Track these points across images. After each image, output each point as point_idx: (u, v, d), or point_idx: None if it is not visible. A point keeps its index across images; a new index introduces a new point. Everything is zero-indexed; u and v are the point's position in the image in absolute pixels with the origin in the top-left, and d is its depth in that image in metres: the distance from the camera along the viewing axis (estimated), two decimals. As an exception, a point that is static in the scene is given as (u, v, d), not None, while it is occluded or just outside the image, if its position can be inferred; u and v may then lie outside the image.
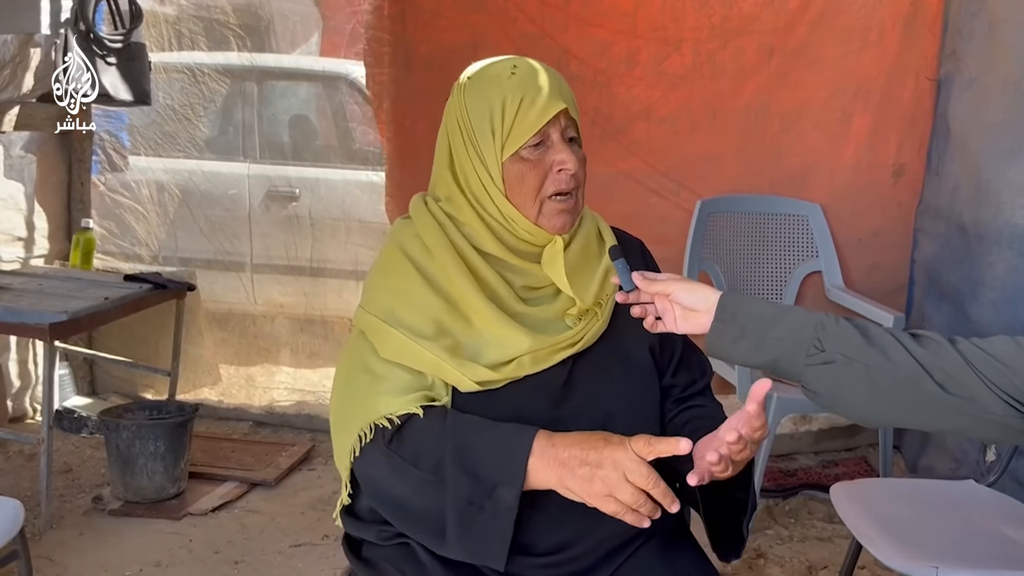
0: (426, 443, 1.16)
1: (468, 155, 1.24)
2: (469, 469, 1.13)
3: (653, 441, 1.08)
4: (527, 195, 1.23)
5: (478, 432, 1.16)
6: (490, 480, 1.13)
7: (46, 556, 2.45)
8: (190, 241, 3.51)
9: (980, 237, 2.64)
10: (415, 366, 1.21)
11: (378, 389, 1.21)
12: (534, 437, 1.13)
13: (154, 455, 2.73)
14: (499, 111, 1.22)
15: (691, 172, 3.12)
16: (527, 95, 1.21)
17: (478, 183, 1.25)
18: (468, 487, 1.13)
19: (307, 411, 3.45)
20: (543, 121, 1.21)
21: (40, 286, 2.90)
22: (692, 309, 1.21)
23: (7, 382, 3.24)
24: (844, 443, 3.29)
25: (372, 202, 3.42)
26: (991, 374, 1.08)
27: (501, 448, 1.14)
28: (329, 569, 2.45)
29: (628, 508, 1.08)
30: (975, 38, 2.76)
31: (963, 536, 1.81)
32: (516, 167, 1.23)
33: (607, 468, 1.08)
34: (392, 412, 1.18)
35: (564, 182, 1.23)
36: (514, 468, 1.12)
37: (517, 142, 1.22)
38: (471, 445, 1.15)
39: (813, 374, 1.13)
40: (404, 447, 1.17)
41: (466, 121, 1.24)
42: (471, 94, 1.25)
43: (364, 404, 1.21)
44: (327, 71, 3.64)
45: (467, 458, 1.14)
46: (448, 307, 1.23)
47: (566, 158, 1.22)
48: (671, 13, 3.00)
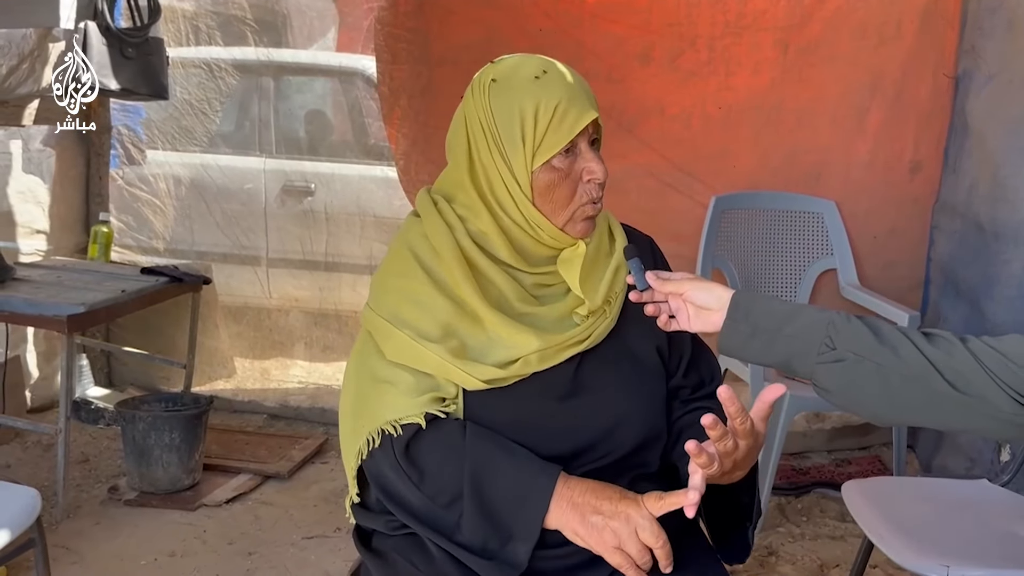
0: (435, 464, 1.18)
1: (493, 160, 1.22)
2: (486, 511, 1.15)
3: (664, 497, 1.12)
4: (557, 203, 1.22)
5: (497, 464, 1.17)
6: (506, 530, 1.15)
7: (62, 545, 2.48)
8: (206, 235, 3.53)
9: (997, 235, 2.62)
10: (420, 367, 1.22)
11: (383, 392, 1.22)
12: (554, 488, 1.15)
13: (169, 447, 2.76)
14: (531, 119, 1.19)
15: (705, 168, 3.11)
16: (560, 103, 1.19)
17: (503, 189, 1.23)
18: (483, 533, 1.15)
19: (321, 404, 3.48)
20: (576, 131, 1.19)
21: (58, 278, 2.93)
22: (705, 308, 1.21)
23: (26, 373, 3.28)
24: (857, 441, 3.27)
25: (387, 197, 3.43)
26: (1002, 373, 1.07)
27: (521, 494, 1.15)
28: (341, 561, 2.46)
29: (632, 563, 1.12)
30: (994, 34, 2.74)
31: (975, 535, 1.80)
32: (547, 176, 1.21)
33: (619, 521, 1.12)
34: (397, 418, 1.19)
35: (595, 191, 1.23)
36: (531, 523, 1.14)
37: (549, 151, 1.20)
38: (490, 481, 1.16)
39: (824, 372, 1.13)
40: (412, 465, 1.19)
41: (491, 125, 1.21)
42: (498, 97, 1.21)
43: (370, 408, 1.22)
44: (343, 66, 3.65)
45: (484, 495, 1.15)
46: (456, 309, 1.23)
47: (595, 168, 1.21)
48: (686, 9, 2.99)
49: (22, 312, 2.66)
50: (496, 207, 1.24)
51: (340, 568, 2.43)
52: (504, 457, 1.17)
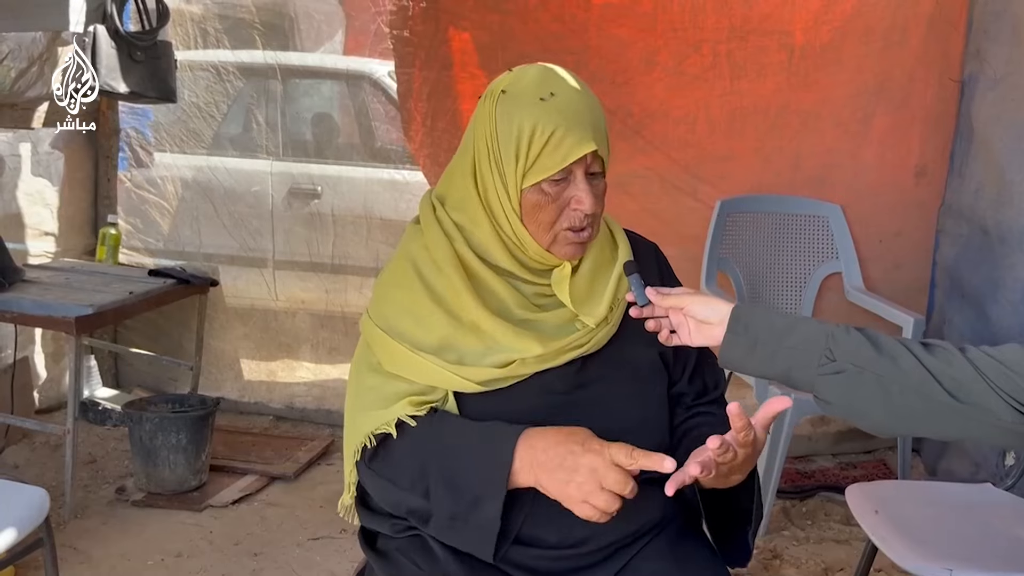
0: (402, 461, 1.21)
1: (491, 171, 1.22)
2: (450, 483, 1.16)
3: (636, 454, 1.09)
4: (541, 225, 1.22)
5: (459, 439, 1.18)
6: (471, 494, 1.15)
7: (70, 545, 2.50)
8: (213, 237, 3.55)
9: (1002, 239, 2.62)
10: (416, 378, 1.23)
11: (363, 404, 1.25)
12: (515, 446, 1.14)
13: (176, 447, 2.77)
14: (527, 138, 1.18)
15: (710, 171, 3.12)
16: (558, 128, 1.17)
17: (496, 201, 1.23)
18: (450, 503, 1.15)
19: (327, 406, 3.49)
20: (568, 161, 1.18)
21: (67, 280, 2.95)
22: (706, 322, 1.21)
23: (34, 374, 3.30)
24: (862, 445, 3.26)
25: (393, 200, 3.44)
26: (1001, 382, 1.08)
27: (483, 459, 1.15)
28: (346, 562, 2.47)
29: (601, 512, 1.10)
30: (1000, 38, 2.74)
31: (978, 538, 1.80)
32: (534, 197, 1.21)
33: (583, 474, 1.10)
34: (371, 429, 1.21)
35: (578, 219, 1.22)
36: (496, 481, 1.14)
37: (539, 175, 1.19)
38: (452, 455, 1.17)
39: (825, 384, 1.14)
40: (383, 467, 1.22)
41: (493, 137, 1.21)
42: (503, 108, 1.21)
43: (359, 421, 1.25)
44: (351, 70, 3.66)
45: (448, 470, 1.16)
46: (454, 323, 1.23)
47: (584, 198, 1.20)
48: (691, 13, 2.99)
49: (31, 313, 2.69)
50: (493, 217, 1.25)
51: (346, 569, 2.44)
52: (468, 429, 1.19)
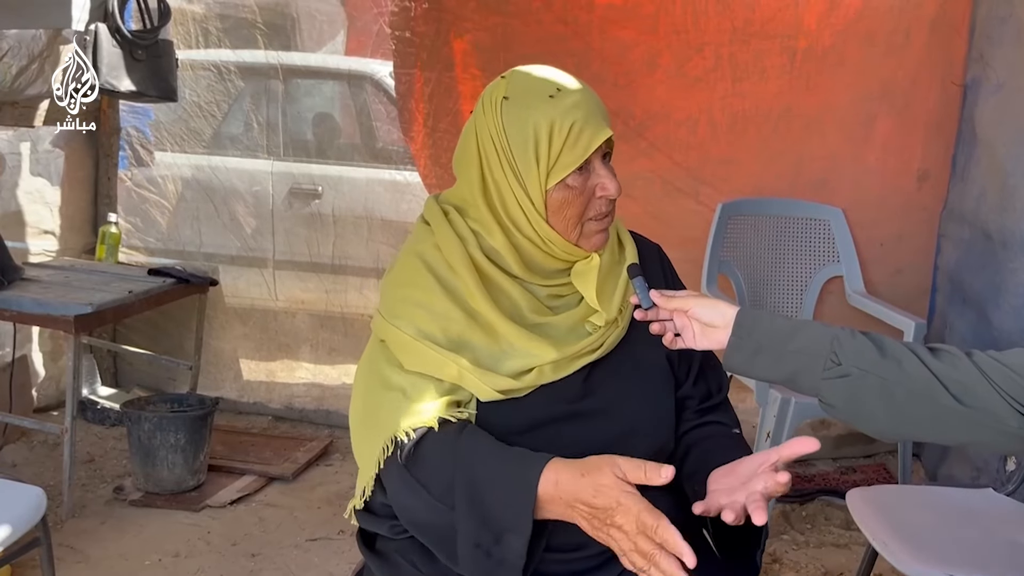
0: (438, 465, 1.15)
1: (507, 179, 1.21)
2: (477, 508, 1.11)
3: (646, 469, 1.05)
4: (570, 220, 1.23)
5: (487, 463, 1.13)
6: (497, 525, 1.10)
7: (68, 544, 2.49)
8: (214, 236, 3.55)
9: (1005, 243, 2.61)
10: (439, 376, 1.21)
11: (396, 400, 1.21)
12: (538, 481, 1.09)
13: (175, 447, 2.77)
14: (545, 139, 1.18)
15: (712, 174, 3.12)
16: (576, 122, 1.18)
17: (517, 208, 1.22)
18: (476, 530, 1.11)
19: (326, 407, 3.49)
20: (590, 151, 1.19)
21: (66, 279, 2.95)
22: (711, 325, 1.21)
23: (32, 373, 3.29)
24: (863, 449, 3.26)
25: (394, 200, 3.44)
26: (1007, 386, 1.07)
27: (508, 490, 1.11)
28: (345, 563, 2.47)
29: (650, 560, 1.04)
30: (1003, 42, 2.73)
31: (979, 544, 1.79)
32: (560, 194, 1.21)
33: (616, 536, 1.05)
34: (411, 426, 1.17)
35: (604, 206, 1.23)
36: (521, 515, 1.09)
37: (563, 171, 1.20)
38: (481, 479, 1.12)
39: (829, 388, 1.13)
40: (417, 467, 1.16)
41: (504, 143, 1.20)
42: (510, 115, 1.20)
43: (385, 419, 1.20)
44: (352, 70, 3.65)
45: (476, 493, 1.12)
46: (469, 320, 1.23)
47: (608, 184, 1.22)
48: (693, 16, 2.99)
49: (30, 312, 2.68)
50: (509, 225, 1.24)
51: (344, 570, 2.43)
52: (496, 453, 1.15)
